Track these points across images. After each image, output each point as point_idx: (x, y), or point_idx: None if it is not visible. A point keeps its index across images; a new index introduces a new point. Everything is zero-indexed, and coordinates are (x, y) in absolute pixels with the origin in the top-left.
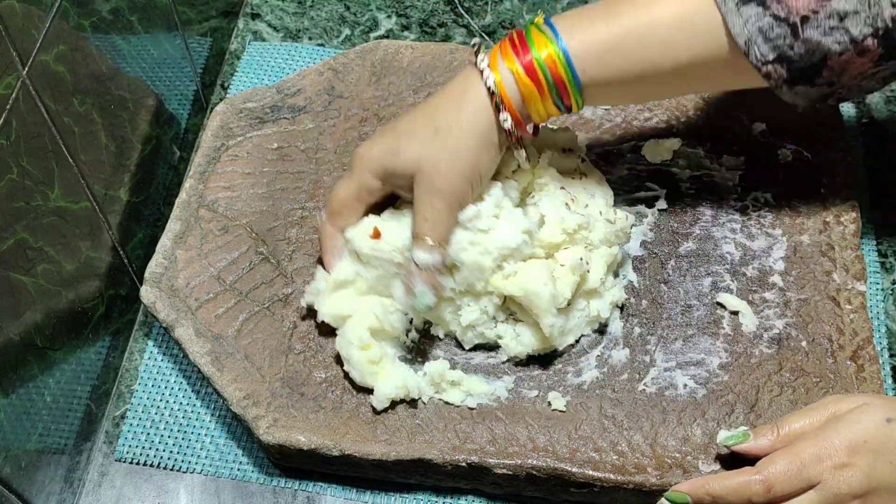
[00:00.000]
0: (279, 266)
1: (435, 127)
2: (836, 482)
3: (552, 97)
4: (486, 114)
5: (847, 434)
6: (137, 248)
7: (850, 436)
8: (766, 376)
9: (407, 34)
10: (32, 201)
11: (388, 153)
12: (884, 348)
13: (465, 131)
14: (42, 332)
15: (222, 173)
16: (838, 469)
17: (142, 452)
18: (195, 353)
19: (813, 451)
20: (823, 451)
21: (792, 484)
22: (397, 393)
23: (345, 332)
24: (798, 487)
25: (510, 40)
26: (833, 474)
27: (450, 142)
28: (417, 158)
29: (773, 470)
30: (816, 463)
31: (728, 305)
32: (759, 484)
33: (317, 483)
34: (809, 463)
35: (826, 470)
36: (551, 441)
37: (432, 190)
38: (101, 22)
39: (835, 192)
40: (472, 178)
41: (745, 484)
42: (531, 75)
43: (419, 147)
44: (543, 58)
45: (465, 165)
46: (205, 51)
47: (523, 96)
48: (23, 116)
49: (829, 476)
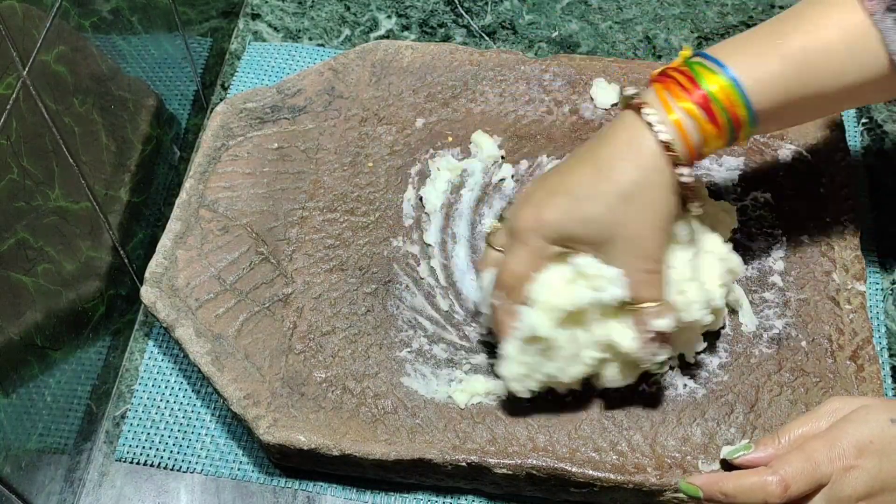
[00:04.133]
0: (279, 266)
1: (618, 190)
2: (842, 485)
3: (727, 133)
4: (666, 167)
5: (855, 434)
6: (138, 248)
7: (858, 436)
8: (765, 376)
9: (407, 34)
10: (33, 201)
11: (567, 220)
12: (883, 348)
13: (652, 190)
14: (42, 331)
15: (222, 173)
16: (845, 471)
17: (142, 452)
18: (195, 352)
19: (825, 452)
20: (834, 452)
21: (807, 484)
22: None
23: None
24: (811, 487)
25: (670, 78)
26: (840, 476)
27: (639, 205)
28: (610, 225)
29: (790, 469)
30: (829, 463)
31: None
32: (776, 485)
33: (317, 483)
34: (822, 463)
35: (836, 471)
36: (551, 441)
37: (639, 256)
38: (101, 22)
39: (835, 192)
40: (668, 233)
41: (760, 484)
42: (708, 113)
43: (608, 213)
44: (716, 92)
45: (662, 225)
46: (205, 51)
47: (703, 137)
48: (23, 116)
49: (837, 478)
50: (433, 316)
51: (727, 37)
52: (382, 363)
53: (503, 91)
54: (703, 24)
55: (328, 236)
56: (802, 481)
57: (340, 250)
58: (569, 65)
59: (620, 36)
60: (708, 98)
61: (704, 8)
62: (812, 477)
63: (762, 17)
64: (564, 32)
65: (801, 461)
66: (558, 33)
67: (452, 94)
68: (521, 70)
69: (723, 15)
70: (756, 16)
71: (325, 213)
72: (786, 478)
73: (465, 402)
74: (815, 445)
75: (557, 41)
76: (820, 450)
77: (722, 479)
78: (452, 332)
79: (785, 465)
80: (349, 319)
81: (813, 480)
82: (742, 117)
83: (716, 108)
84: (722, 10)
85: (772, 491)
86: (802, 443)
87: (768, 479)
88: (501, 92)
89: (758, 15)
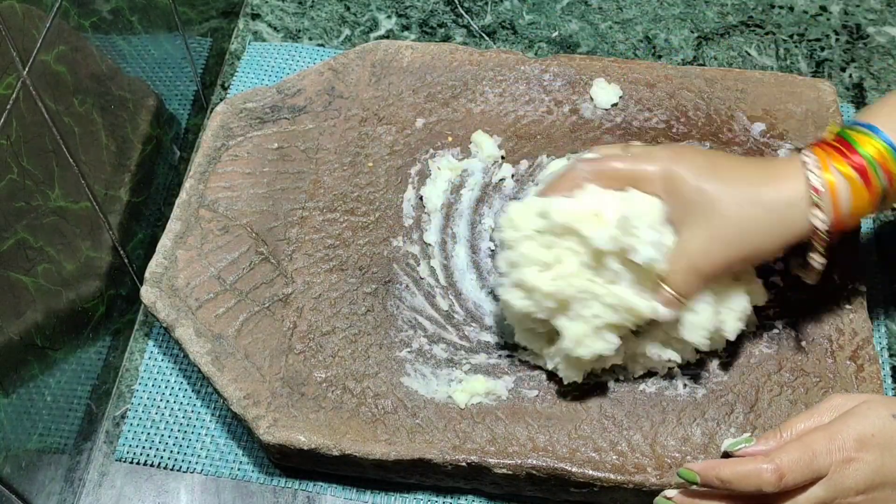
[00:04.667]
0: (279, 266)
1: (752, 195)
2: (842, 476)
3: (879, 197)
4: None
5: (857, 427)
6: (137, 248)
7: (860, 429)
8: (765, 376)
9: (407, 34)
10: (33, 201)
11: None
12: (883, 348)
13: (773, 216)
14: (42, 331)
15: (222, 173)
16: (845, 463)
17: (142, 452)
18: (195, 352)
19: (824, 443)
20: (834, 444)
21: (804, 474)
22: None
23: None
24: (808, 478)
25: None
26: (839, 468)
27: (753, 215)
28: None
29: (786, 458)
30: (827, 455)
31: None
32: (770, 473)
33: (317, 483)
34: (820, 454)
35: (834, 463)
36: (551, 441)
37: (704, 250)
38: (101, 22)
39: None
40: (744, 261)
41: (756, 471)
42: (864, 177)
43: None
44: (873, 155)
45: (751, 248)
46: (205, 51)
47: (854, 200)
48: (23, 116)
49: (836, 469)
50: (433, 316)
51: (727, 37)
52: (382, 363)
53: (503, 91)
54: (703, 24)
55: (328, 236)
56: (798, 471)
57: (340, 250)
58: (569, 65)
59: (620, 36)
60: (863, 160)
61: (704, 8)
62: (809, 467)
63: (762, 16)
64: (564, 32)
65: (799, 451)
66: (558, 33)
67: (452, 94)
68: (521, 70)
69: (723, 15)
70: (756, 16)
71: (325, 213)
72: (781, 466)
73: (465, 402)
74: (814, 437)
75: (557, 41)
76: (819, 441)
77: (719, 465)
78: (452, 332)
79: (782, 454)
80: (349, 319)
81: (810, 471)
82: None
83: (871, 171)
84: (722, 10)
85: (766, 479)
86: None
87: (763, 466)
88: (501, 92)
89: (758, 15)
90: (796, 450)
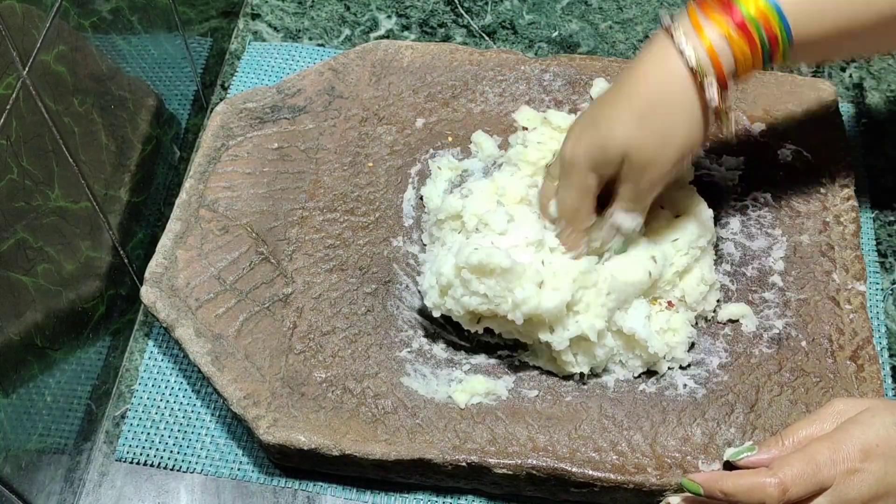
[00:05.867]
0: (279, 266)
1: (635, 113)
2: (847, 487)
3: (763, 57)
4: (690, 91)
5: (861, 437)
6: (137, 248)
7: (864, 438)
8: (765, 376)
9: (407, 34)
10: (32, 201)
11: (595, 148)
12: (883, 348)
13: (673, 113)
14: (42, 331)
15: (222, 173)
16: (849, 474)
17: (142, 452)
18: (195, 352)
19: (828, 454)
20: (838, 455)
21: (807, 487)
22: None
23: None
24: (812, 491)
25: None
26: (844, 479)
27: (656, 126)
28: (624, 146)
29: (790, 472)
30: (831, 466)
31: (729, 314)
32: (774, 487)
33: (317, 483)
34: (824, 466)
35: (838, 474)
36: (551, 441)
37: (641, 173)
38: (101, 22)
39: (835, 192)
40: (680, 160)
41: (759, 485)
42: (745, 35)
43: (625, 135)
44: (755, 14)
45: (673, 150)
46: (205, 51)
47: (736, 60)
48: (23, 116)
49: (840, 481)
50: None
51: None
52: (382, 363)
53: (503, 91)
54: None
55: (328, 236)
56: (802, 484)
57: (340, 250)
58: (569, 65)
59: (620, 36)
60: (745, 18)
61: None
62: (812, 479)
63: None
64: (564, 32)
65: (803, 463)
66: (558, 33)
67: (452, 94)
68: (521, 70)
69: None
70: None
71: (325, 213)
72: (784, 480)
73: (465, 402)
74: (818, 447)
75: (557, 41)
76: (823, 452)
77: (722, 477)
78: (452, 332)
79: (785, 467)
80: (349, 319)
81: (813, 483)
82: (780, 39)
83: (752, 28)
84: None
85: (770, 493)
86: (806, 445)
87: (767, 480)
88: (501, 92)
89: None
90: (799, 462)
